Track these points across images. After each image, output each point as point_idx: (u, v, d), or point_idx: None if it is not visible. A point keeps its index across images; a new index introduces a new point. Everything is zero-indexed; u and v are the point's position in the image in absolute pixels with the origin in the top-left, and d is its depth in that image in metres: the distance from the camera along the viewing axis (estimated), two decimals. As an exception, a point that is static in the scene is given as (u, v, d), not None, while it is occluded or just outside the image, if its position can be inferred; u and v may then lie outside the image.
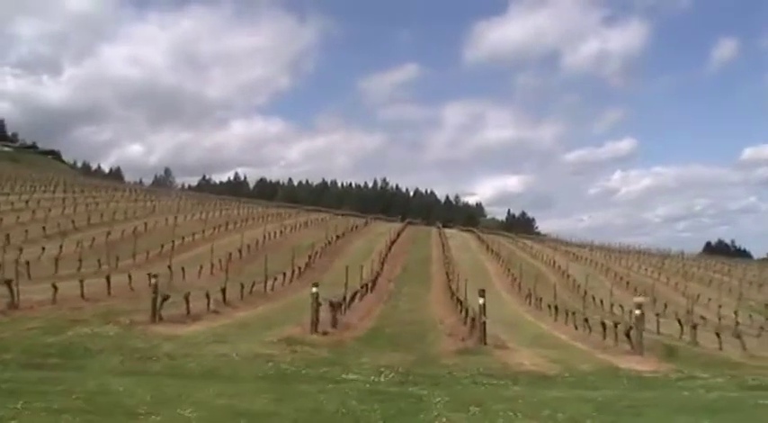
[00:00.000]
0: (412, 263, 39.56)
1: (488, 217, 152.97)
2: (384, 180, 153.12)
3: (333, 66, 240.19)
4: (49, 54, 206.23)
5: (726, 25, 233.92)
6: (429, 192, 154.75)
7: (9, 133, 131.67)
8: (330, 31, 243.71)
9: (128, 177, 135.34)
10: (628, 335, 14.79)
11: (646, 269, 51.56)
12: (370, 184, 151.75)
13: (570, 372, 10.97)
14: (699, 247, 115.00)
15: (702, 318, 28.19)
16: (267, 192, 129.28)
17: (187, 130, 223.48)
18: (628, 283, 40.30)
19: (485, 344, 13.98)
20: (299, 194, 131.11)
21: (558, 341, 16.79)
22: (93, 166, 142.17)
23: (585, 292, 35.07)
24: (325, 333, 14.10)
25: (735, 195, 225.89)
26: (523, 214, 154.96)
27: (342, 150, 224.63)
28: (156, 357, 10.33)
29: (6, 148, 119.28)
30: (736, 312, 32.18)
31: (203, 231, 39.29)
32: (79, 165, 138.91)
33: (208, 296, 17.45)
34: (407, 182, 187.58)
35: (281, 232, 45.60)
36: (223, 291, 18.85)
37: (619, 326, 16.28)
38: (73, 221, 36.50)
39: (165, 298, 14.75)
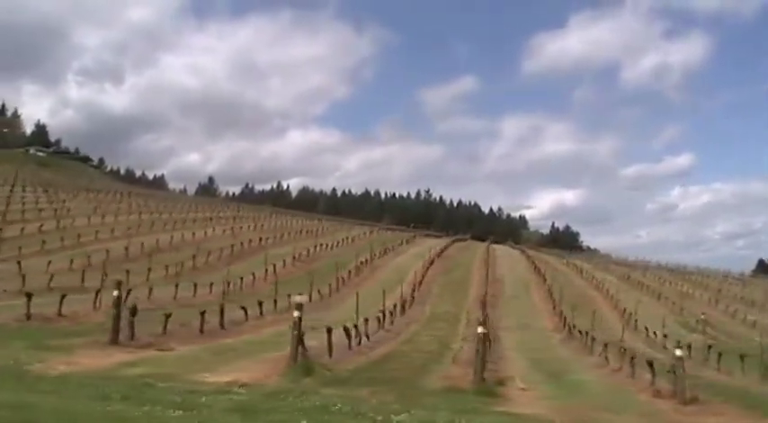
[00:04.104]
0: (327, 267, 37.81)
1: (532, 230, 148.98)
2: (427, 191, 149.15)
3: (390, 77, 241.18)
4: (112, 63, 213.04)
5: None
6: (473, 204, 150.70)
7: (52, 139, 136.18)
8: (387, 43, 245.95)
9: (179, 186, 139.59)
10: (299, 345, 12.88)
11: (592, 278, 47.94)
12: (413, 195, 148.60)
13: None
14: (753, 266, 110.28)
15: (579, 332, 25.42)
16: (309, 202, 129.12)
17: (244, 139, 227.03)
18: (562, 290, 37.30)
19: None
20: (341, 205, 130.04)
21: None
22: (138, 174, 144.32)
23: (487, 302, 32.76)
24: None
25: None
26: (568, 228, 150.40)
27: (398, 162, 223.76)
28: None
29: (40, 153, 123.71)
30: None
31: (112, 230, 38.97)
32: (123, 172, 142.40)
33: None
34: (463, 194, 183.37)
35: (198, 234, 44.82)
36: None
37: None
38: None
39: None
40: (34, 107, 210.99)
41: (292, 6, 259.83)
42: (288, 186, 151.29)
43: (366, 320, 18.36)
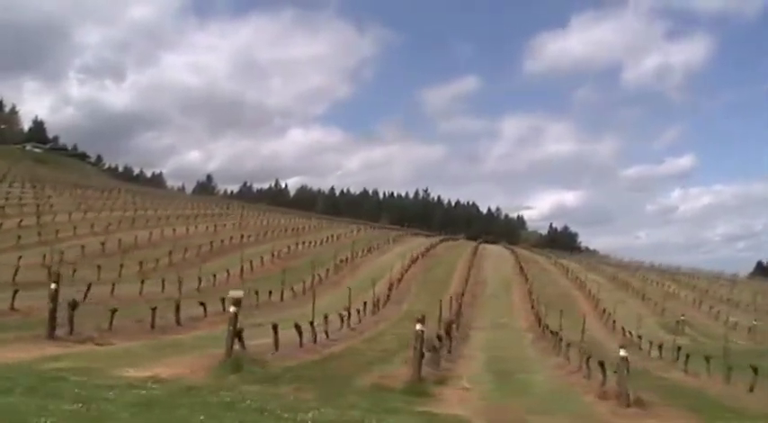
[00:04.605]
0: (304, 265, 37.50)
1: (530, 231, 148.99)
2: (426, 191, 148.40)
3: (391, 77, 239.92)
4: (113, 61, 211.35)
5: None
6: (471, 204, 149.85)
7: (50, 136, 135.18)
8: (389, 42, 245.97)
9: (178, 184, 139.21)
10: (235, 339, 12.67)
11: (576, 278, 47.74)
12: (412, 195, 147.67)
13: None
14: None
15: (551, 332, 25.17)
16: (307, 200, 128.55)
17: (245, 137, 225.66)
18: (544, 289, 37.11)
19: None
20: (339, 204, 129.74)
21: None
22: (136, 171, 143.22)
23: (463, 301, 32.54)
24: None
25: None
26: (566, 228, 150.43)
27: (398, 161, 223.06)
28: None
29: (37, 150, 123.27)
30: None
31: (92, 226, 38.71)
32: (121, 169, 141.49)
33: None
34: (463, 195, 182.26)
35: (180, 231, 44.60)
36: None
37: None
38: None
39: None
40: (35, 104, 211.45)
41: (293, 5, 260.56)
42: (286, 185, 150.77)
43: (326, 317, 18.15)
